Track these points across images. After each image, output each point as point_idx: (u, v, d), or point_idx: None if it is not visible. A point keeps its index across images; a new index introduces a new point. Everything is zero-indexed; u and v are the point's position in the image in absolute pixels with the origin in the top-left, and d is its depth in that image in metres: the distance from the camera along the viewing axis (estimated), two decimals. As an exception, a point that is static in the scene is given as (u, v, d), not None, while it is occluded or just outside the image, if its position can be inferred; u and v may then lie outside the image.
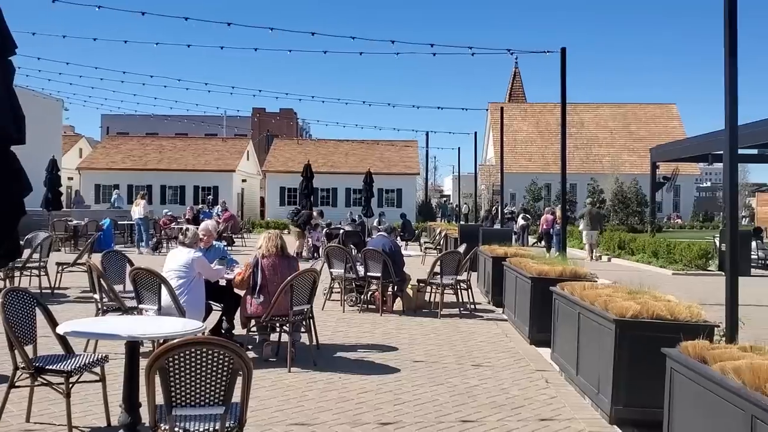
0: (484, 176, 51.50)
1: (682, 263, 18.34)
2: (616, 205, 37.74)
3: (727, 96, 5.72)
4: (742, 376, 3.39)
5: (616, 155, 50.57)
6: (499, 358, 7.71)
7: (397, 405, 5.78)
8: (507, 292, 10.35)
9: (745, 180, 59.30)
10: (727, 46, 5.62)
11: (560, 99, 12.41)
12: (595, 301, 5.81)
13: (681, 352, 4.06)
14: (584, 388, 5.98)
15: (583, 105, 55.57)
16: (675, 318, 5.18)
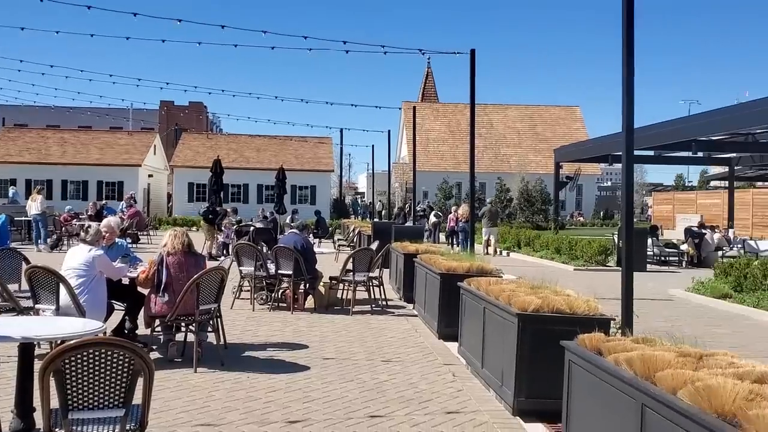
0: (398, 174, 52.03)
1: (583, 259, 19.15)
2: (522, 203, 38.96)
3: (624, 100, 6.02)
4: (634, 366, 3.57)
5: (522, 155, 52.18)
6: (408, 353, 7.81)
7: (306, 403, 5.75)
8: (417, 288, 10.50)
9: (643, 180, 62.39)
10: (624, 54, 5.91)
11: (469, 99, 12.70)
12: (500, 296, 5.99)
13: (578, 345, 4.23)
14: (489, 380, 6.15)
15: (493, 106, 57.04)
16: (574, 312, 5.40)
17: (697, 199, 40.97)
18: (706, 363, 3.58)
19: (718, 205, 34.65)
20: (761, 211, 34.10)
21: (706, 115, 18.27)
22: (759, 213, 34.07)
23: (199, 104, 68.39)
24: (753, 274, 12.37)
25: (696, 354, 3.75)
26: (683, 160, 28.24)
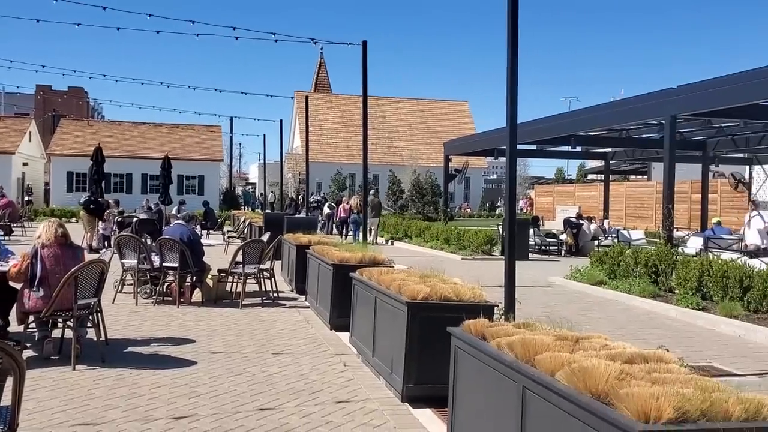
0: (291, 164, 51.55)
1: (470, 249, 19.76)
2: (414, 195, 39.67)
3: (508, 97, 6.23)
4: (515, 350, 3.71)
5: (414, 148, 53.08)
6: (299, 344, 7.76)
7: (192, 398, 5.60)
8: (310, 280, 10.46)
9: (526, 173, 65.02)
10: (509, 52, 6.11)
11: (362, 91, 12.74)
12: (391, 285, 6.06)
13: (464, 331, 4.36)
14: (379, 369, 6.22)
15: (386, 99, 57.63)
16: (460, 299, 5.55)
17: (575, 192, 43.24)
18: (582, 346, 3.77)
19: (595, 197, 36.73)
20: (634, 202, 36.46)
21: (584, 111, 19.26)
22: (632, 205, 36.42)
23: (79, 89, 64.76)
24: (625, 261, 13.19)
25: (573, 337, 3.94)
26: (563, 154, 29.69)
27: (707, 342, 8.67)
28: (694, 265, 11.15)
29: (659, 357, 3.51)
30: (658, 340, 8.11)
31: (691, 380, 3.07)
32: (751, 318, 9.47)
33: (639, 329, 9.34)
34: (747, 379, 6.67)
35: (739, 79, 12.47)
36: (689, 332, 9.31)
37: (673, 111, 13.93)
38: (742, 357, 7.81)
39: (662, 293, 11.73)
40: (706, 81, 13.48)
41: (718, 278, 10.47)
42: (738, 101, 12.90)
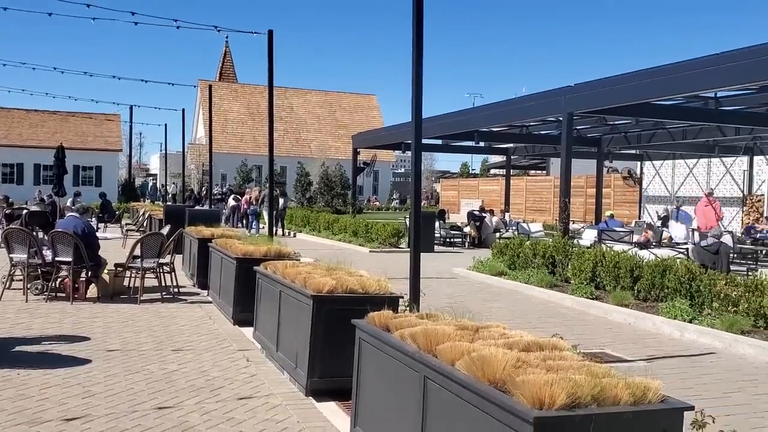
0: (194, 155, 50.18)
1: (378, 241, 19.89)
2: (323, 188, 39.53)
3: (414, 92, 6.29)
4: (418, 341, 3.75)
5: (323, 141, 52.88)
6: (201, 340, 7.56)
7: (86, 398, 5.34)
8: (212, 274, 10.20)
9: (432, 167, 66.12)
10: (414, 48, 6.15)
11: (268, 81, 12.52)
12: (296, 278, 6.00)
13: (368, 323, 4.36)
14: (283, 363, 6.15)
15: (293, 90, 57.04)
16: (366, 291, 5.56)
17: (479, 186, 44.41)
18: (482, 335, 3.86)
19: (497, 191, 37.81)
20: (533, 196, 37.81)
21: (486, 108, 19.75)
22: (531, 198, 37.76)
23: (-39, 72, 60.40)
24: (525, 253, 13.65)
25: (473, 327, 4.02)
26: (468, 149, 30.37)
27: (600, 329, 9.09)
28: (588, 256, 11.67)
29: (554, 345, 3.63)
30: (555, 329, 8.41)
31: (583, 367, 3.20)
32: (641, 306, 10.01)
33: (537, 318, 9.69)
34: (636, 365, 7.04)
35: (631, 78, 13.12)
36: (583, 320, 9.73)
37: (570, 108, 14.50)
38: (632, 343, 8.24)
39: (559, 283, 12.21)
40: (600, 80, 14.11)
41: (610, 269, 11.00)
42: (630, 100, 13.57)
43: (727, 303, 8.79)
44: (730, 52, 10.97)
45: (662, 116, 16.33)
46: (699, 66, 11.42)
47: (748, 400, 5.95)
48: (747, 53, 10.57)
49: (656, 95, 13.20)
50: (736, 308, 8.63)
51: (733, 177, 25.90)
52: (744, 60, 10.54)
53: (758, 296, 8.42)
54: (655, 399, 2.95)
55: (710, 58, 11.30)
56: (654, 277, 10.14)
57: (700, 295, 9.29)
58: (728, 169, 26.10)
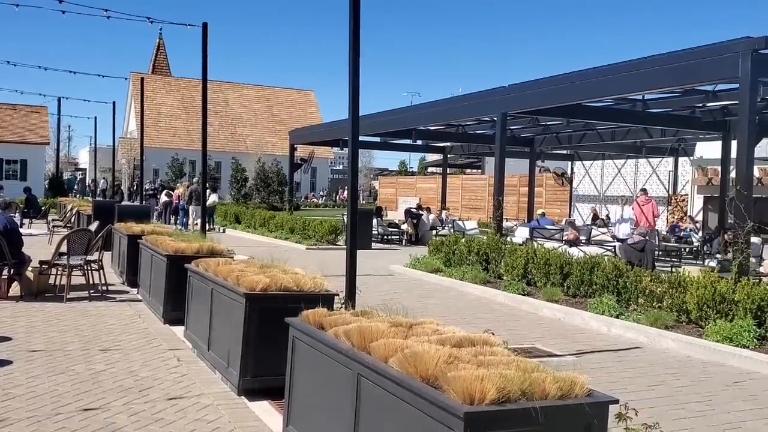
0: (125, 150, 48.79)
1: (315, 239, 19.79)
2: (259, 184, 39.05)
3: (350, 90, 6.26)
4: (352, 338, 3.74)
5: (259, 136, 52.25)
6: (130, 340, 7.35)
7: (6, 401, 5.11)
8: (142, 272, 9.94)
9: (371, 165, 66.28)
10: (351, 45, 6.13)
11: (202, 74, 12.28)
12: (228, 276, 5.90)
13: (302, 321, 4.33)
14: (215, 363, 6.04)
15: (229, 84, 56.13)
16: (301, 289, 5.51)
17: (416, 184, 44.74)
18: (416, 331, 3.88)
19: (434, 189, 38.20)
20: (469, 194, 38.35)
21: (424, 106, 19.88)
22: (467, 196, 38.29)
23: None
24: (460, 250, 13.82)
25: (407, 323, 4.04)
26: (406, 147, 30.49)
27: (531, 325, 9.30)
28: (521, 253, 11.91)
29: (485, 340, 3.68)
30: (488, 324, 8.55)
31: (513, 362, 3.25)
32: (570, 302, 10.29)
33: (471, 314, 9.82)
34: (565, 359, 7.23)
35: (562, 80, 13.44)
36: (515, 316, 9.93)
37: (504, 109, 14.75)
38: (561, 338, 8.45)
39: (492, 280, 12.42)
40: (533, 81, 14.40)
41: (541, 266, 11.26)
42: (561, 101, 13.90)
43: (651, 299, 9.12)
44: (657, 56, 11.37)
45: (592, 117, 16.79)
46: (627, 69, 11.79)
47: (670, 393, 6.19)
48: (672, 57, 10.97)
49: (587, 97, 13.57)
50: (660, 304, 8.97)
51: (659, 177, 26.90)
52: (669, 64, 10.94)
53: (681, 292, 8.76)
54: (582, 393, 3.02)
55: (638, 61, 11.68)
56: (583, 274, 10.43)
57: (627, 292, 9.61)
58: (654, 169, 27.09)
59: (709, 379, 6.72)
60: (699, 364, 7.37)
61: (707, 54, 10.20)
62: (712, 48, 10.16)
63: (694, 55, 10.50)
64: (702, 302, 8.41)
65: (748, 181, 9.35)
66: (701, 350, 7.71)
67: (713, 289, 8.35)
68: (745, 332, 7.65)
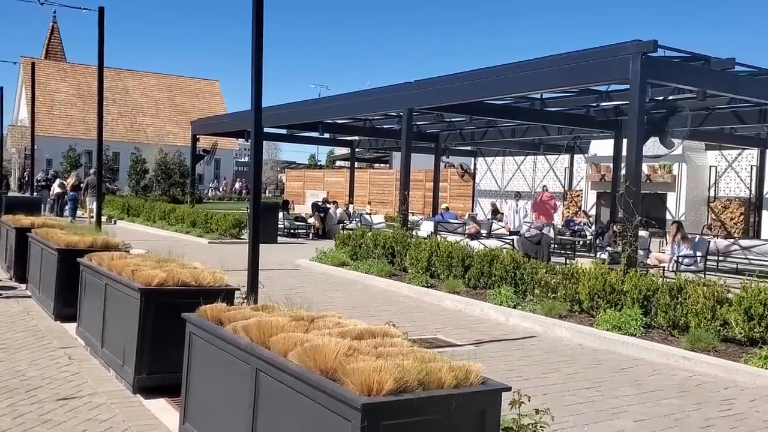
0: (15, 138, 46.02)
1: (218, 233, 19.36)
2: (159, 175, 37.78)
3: (253, 79, 6.15)
4: (251, 333, 3.69)
5: (161, 126, 50.56)
6: (17, 338, 6.95)
7: None
8: (32, 267, 9.42)
9: (277, 157, 65.38)
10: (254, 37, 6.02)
11: (98, 60, 11.73)
12: (123, 271, 5.68)
13: (199, 316, 4.23)
14: (110, 360, 5.81)
15: (129, 72, 53.99)
16: (199, 284, 5.38)
17: (324, 177, 44.61)
18: (317, 325, 3.87)
19: (342, 183, 38.19)
20: (377, 188, 38.62)
21: (331, 99, 19.84)
22: (375, 191, 38.55)
23: None
24: (366, 244, 13.90)
25: (308, 317, 4.02)
26: (313, 140, 30.30)
27: (434, 316, 9.48)
28: (425, 246, 12.12)
29: (385, 332, 3.72)
30: (392, 316, 8.65)
31: (411, 352, 3.30)
32: (471, 293, 10.56)
33: (376, 307, 9.90)
34: (465, 349, 7.42)
35: (465, 77, 13.74)
36: (419, 308, 10.09)
37: (410, 104, 14.93)
38: (462, 329, 8.66)
39: (398, 273, 12.57)
40: (438, 78, 14.65)
41: (444, 258, 11.50)
42: (464, 98, 14.22)
43: (547, 290, 9.50)
44: (553, 57, 11.82)
45: (493, 115, 17.28)
46: (526, 68, 12.20)
47: (563, 380, 6.47)
48: (568, 58, 11.43)
49: (488, 95, 13.94)
50: (555, 294, 9.35)
51: (555, 174, 28.02)
52: (565, 64, 11.40)
53: (574, 283, 9.17)
54: (477, 381, 3.11)
55: (536, 61, 12.10)
56: (483, 266, 10.73)
57: (524, 283, 9.97)
58: (552, 166, 28.20)
59: (599, 366, 7.08)
60: (590, 351, 7.74)
61: (600, 56, 10.69)
62: (604, 50, 10.66)
63: (588, 56, 10.99)
64: (593, 292, 8.83)
65: (637, 177, 9.89)
66: (592, 338, 8.11)
67: (603, 280, 8.79)
68: (632, 321, 8.10)
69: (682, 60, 10.81)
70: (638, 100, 9.79)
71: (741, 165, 22.14)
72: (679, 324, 7.91)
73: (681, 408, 5.72)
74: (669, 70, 10.53)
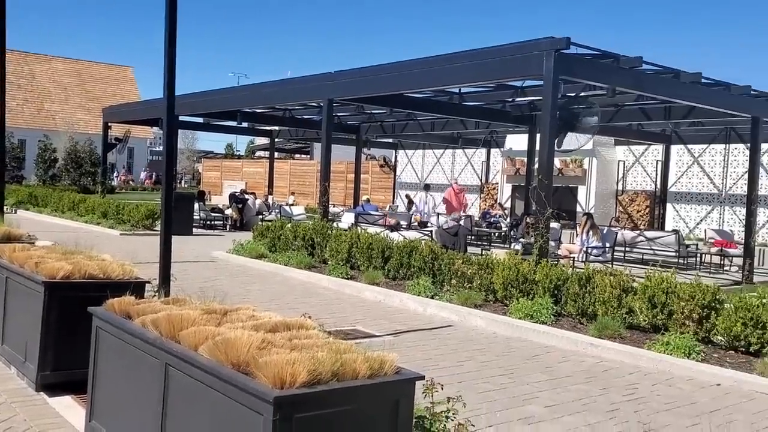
0: None
1: (131, 224, 18.74)
2: (69, 164, 36.16)
3: (166, 63, 5.95)
4: (160, 327, 3.58)
5: (70, 113, 48.39)
6: None
7: None
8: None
9: (194, 146, 63.70)
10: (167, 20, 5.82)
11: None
12: (26, 263, 5.41)
13: (107, 310, 4.07)
14: (10, 357, 5.52)
15: (36, 56, 51.37)
16: (107, 277, 5.18)
17: (243, 167, 43.87)
18: (230, 318, 3.79)
19: (261, 173, 37.69)
20: (297, 180, 38.30)
21: (250, 87, 19.48)
22: (295, 182, 38.22)
23: None
24: (285, 235, 13.76)
25: (222, 310, 3.94)
26: (230, 129, 29.69)
27: (354, 307, 9.49)
28: (345, 238, 12.11)
29: (301, 324, 3.69)
30: (311, 309, 8.59)
31: (326, 344, 3.29)
32: (390, 284, 10.64)
33: (294, 299, 9.83)
34: (383, 339, 7.47)
35: (385, 70, 13.78)
36: (339, 299, 10.09)
37: (330, 95, 14.85)
38: (381, 319, 8.72)
39: (317, 265, 12.51)
40: (358, 69, 14.63)
41: (364, 250, 11.53)
42: (384, 90, 14.26)
43: (463, 280, 9.68)
44: (471, 51, 12.01)
45: (413, 108, 17.43)
46: (444, 62, 12.34)
47: (477, 368, 6.61)
48: (485, 53, 11.64)
49: (408, 87, 14.03)
50: (470, 284, 9.55)
51: (473, 167, 28.59)
52: (482, 59, 11.61)
53: (489, 274, 9.38)
54: (391, 371, 3.13)
55: (454, 55, 12.26)
56: (402, 258, 10.83)
57: (441, 273, 10.12)
58: (470, 159, 28.75)
59: (512, 354, 7.28)
60: (504, 339, 7.94)
61: (516, 51, 10.94)
62: (520, 46, 10.91)
63: (504, 52, 11.22)
64: (507, 282, 9.07)
65: (549, 171, 10.19)
66: (506, 327, 8.33)
67: (517, 270, 9.04)
68: (543, 310, 8.37)
69: (594, 57, 11.20)
70: (551, 96, 10.08)
71: (647, 160, 23.22)
72: (587, 312, 8.23)
73: (588, 393, 5.95)
74: (581, 67, 10.89)
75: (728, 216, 20.87)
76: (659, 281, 7.76)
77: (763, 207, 19.29)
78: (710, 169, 21.43)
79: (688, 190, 21.99)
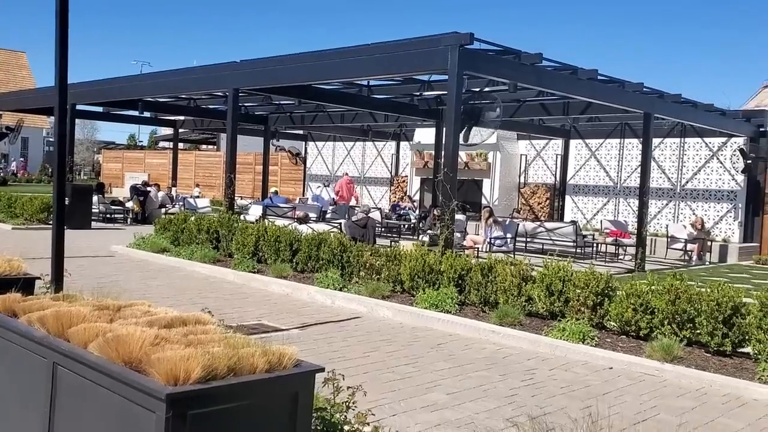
0: None
1: (24, 217, 17.77)
2: (-46, 154, 33.82)
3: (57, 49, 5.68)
4: (47, 324, 3.40)
5: (-45, 99, 45.21)
6: None
7: None
8: None
9: (94, 137, 60.88)
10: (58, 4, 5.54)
11: None
12: None
13: (-12, 308, 3.83)
14: None
15: None
16: (-8, 273, 4.88)
17: (145, 159, 42.40)
18: (123, 314, 3.66)
19: (165, 165, 36.51)
20: (203, 171, 37.40)
21: (153, 75, 18.84)
22: (201, 173, 37.30)
23: None
24: (189, 229, 13.40)
25: (115, 306, 3.79)
26: (132, 119, 28.52)
27: (259, 302, 9.37)
28: (252, 231, 11.93)
29: (197, 319, 3.60)
30: (215, 303, 8.45)
31: (224, 339, 3.23)
32: (298, 278, 10.57)
33: (197, 294, 9.60)
34: (290, 333, 7.41)
35: (293, 60, 13.64)
36: (244, 294, 9.93)
37: (235, 84, 14.56)
38: (288, 313, 8.65)
39: (223, 258, 12.27)
40: (265, 59, 14.40)
41: (271, 243, 11.40)
42: (292, 81, 14.12)
43: (372, 272, 9.74)
44: (378, 44, 12.07)
45: (322, 99, 17.33)
46: (353, 54, 12.34)
47: (383, 358, 6.68)
48: (392, 46, 11.73)
49: (316, 79, 13.95)
50: (379, 276, 9.62)
51: (383, 160, 28.77)
52: (389, 52, 11.69)
53: (396, 265, 9.49)
54: (290, 364, 3.10)
55: (362, 47, 12.29)
56: (311, 250, 10.78)
57: (350, 266, 10.15)
58: (380, 152, 28.91)
59: (416, 343, 7.39)
60: (409, 329, 8.06)
61: (422, 45, 11.08)
62: (425, 40, 11.05)
63: (411, 45, 11.34)
64: (414, 273, 9.20)
65: (454, 164, 10.40)
66: (412, 317, 8.45)
67: (423, 261, 9.18)
68: (448, 299, 8.55)
69: (496, 53, 11.50)
70: (455, 90, 10.27)
71: (548, 154, 24.09)
72: (489, 300, 8.48)
73: (489, 379, 6.13)
74: (484, 62, 11.15)
75: (623, 207, 21.97)
76: (556, 270, 8.08)
77: (655, 199, 20.43)
78: (606, 162, 22.47)
79: (585, 182, 22.97)
